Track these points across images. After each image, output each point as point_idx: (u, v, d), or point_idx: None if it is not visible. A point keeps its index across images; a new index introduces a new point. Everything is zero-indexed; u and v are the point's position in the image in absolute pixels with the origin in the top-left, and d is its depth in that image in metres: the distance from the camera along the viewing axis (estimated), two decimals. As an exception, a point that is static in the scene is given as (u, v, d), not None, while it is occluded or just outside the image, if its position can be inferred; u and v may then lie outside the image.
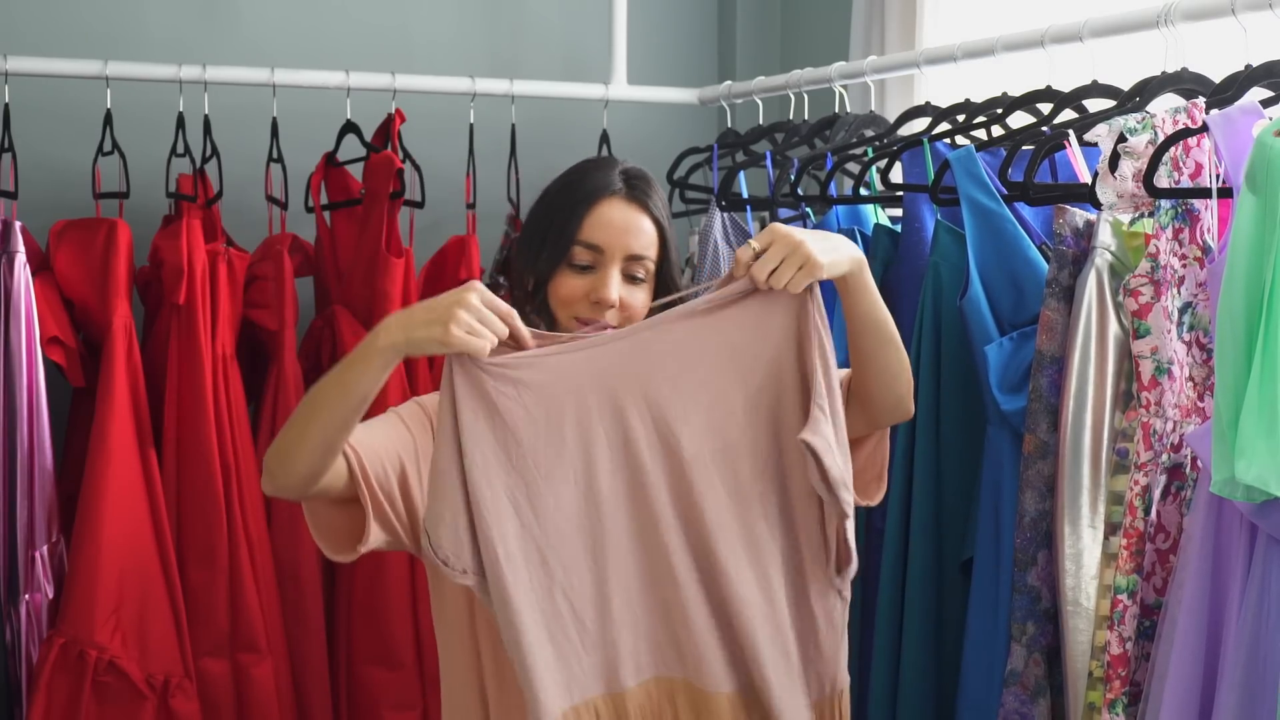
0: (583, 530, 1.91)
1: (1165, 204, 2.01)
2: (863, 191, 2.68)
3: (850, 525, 1.93)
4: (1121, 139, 2.04)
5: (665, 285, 2.08)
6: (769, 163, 3.01)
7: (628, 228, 2.04)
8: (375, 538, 1.93)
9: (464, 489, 1.85)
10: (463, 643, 2.03)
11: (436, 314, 1.79)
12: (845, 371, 2.06)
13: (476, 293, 1.81)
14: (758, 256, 1.89)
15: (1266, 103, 2.02)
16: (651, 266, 2.06)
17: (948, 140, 2.59)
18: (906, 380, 2.03)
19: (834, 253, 1.90)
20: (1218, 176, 1.99)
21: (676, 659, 1.94)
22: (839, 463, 1.89)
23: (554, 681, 1.88)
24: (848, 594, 1.99)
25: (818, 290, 1.92)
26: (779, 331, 1.93)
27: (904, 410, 2.06)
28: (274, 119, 3.18)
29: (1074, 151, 2.31)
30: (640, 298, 2.04)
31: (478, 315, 1.80)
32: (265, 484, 1.94)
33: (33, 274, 2.87)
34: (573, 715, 1.89)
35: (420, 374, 3.15)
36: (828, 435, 1.89)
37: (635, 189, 2.06)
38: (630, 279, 2.04)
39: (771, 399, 1.94)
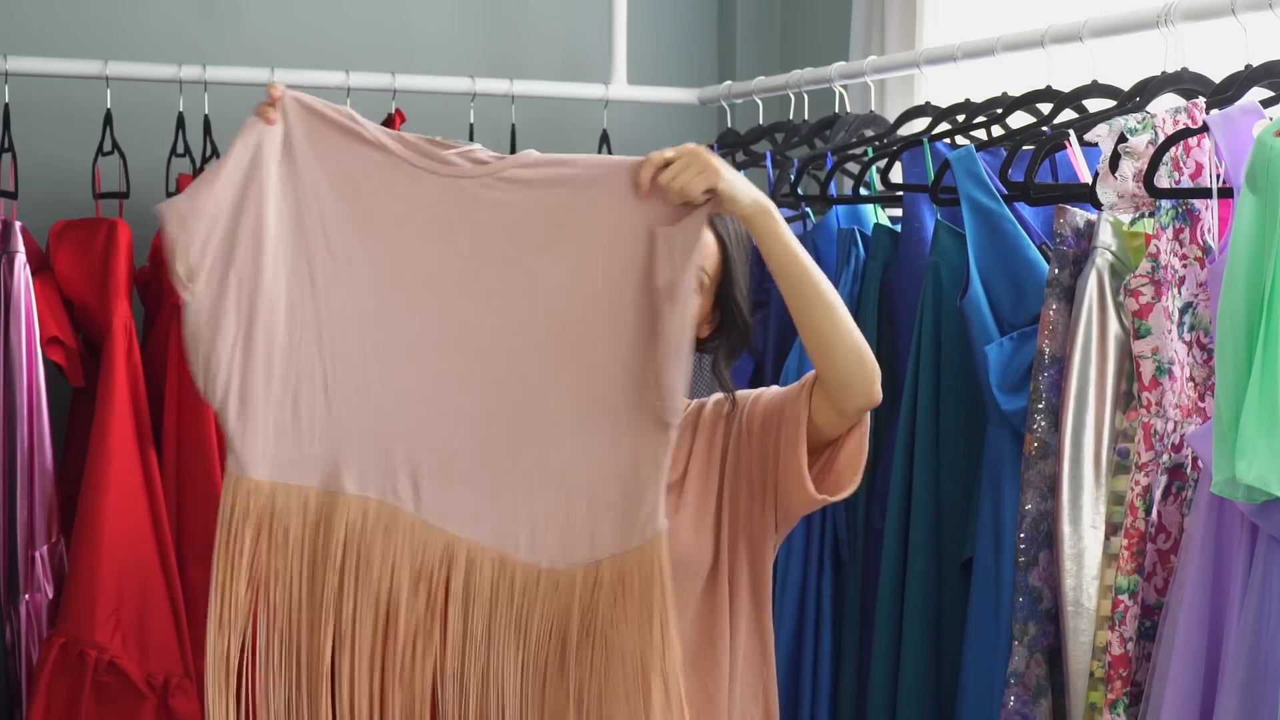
0: (376, 327, 1.96)
1: (1166, 204, 2.01)
2: (863, 191, 2.68)
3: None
4: (1122, 139, 2.04)
5: (725, 306, 2.10)
6: (769, 163, 3.01)
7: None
8: None
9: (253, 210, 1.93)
10: None
11: None
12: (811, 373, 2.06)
13: None
14: (668, 165, 1.91)
15: (1266, 103, 2.03)
16: (707, 280, 2.08)
17: (948, 140, 2.59)
18: (850, 349, 1.96)
19: (741, 183, 1.91)
20: (1218, 176, 2.00)
21: (414, 489, 1.97)
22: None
23: (269, 450, 1.95)
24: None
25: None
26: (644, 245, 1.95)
27: (862, 389, 1.98)
28: (274, 119, 3.18)
29: (1074, 151, 2.31)
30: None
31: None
32: None
33: (33, 274, 2.87)
34: (274, 491, 1.95)
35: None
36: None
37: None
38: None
39: (615, 299, 1.97)
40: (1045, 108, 2.49)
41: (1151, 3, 2.27)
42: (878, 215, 2.72)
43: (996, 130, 2.58)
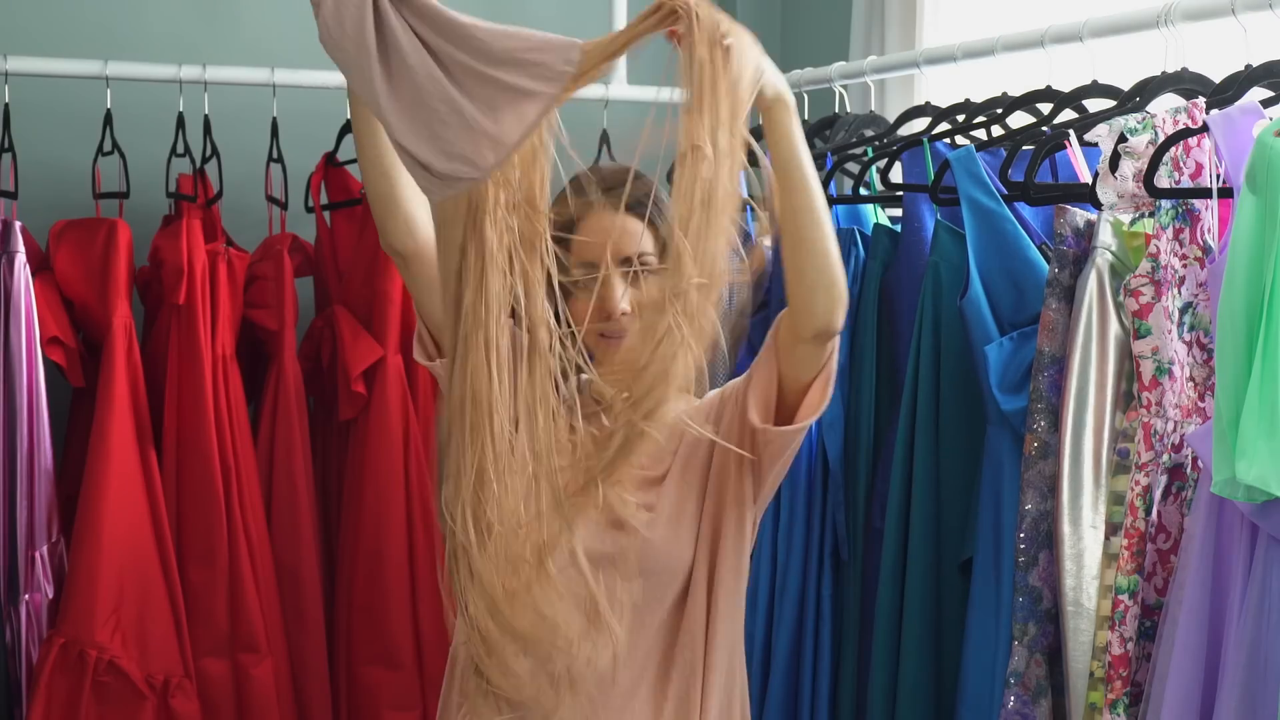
0: None
1: (1166, 204, 2.01)
2: (863, 191, 2.68)
3: None
4: (1122, 139, 2.04)
5: None
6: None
7: (611, 234, 2.09)
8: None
9: None
10: None
11: None
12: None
13: None
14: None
15: (1266, 103, 2.03)
16: (654, 260, 2.10)
17: (948, 140, 2.59)
18: (825, 263, 1.95)
19: (769, 66, 1.93)
20: (1218, 176, 2.00)
21: None
22: None
23: None
24: None
25: None
26: None
27: (825, 310, 1.97)
28: (274, 119, 3.18)
29: (1074, 151, 2.31)
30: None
31: None
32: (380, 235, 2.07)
33: (33, 274, 2.87)
34: None
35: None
36: None
37: (612, 193, 2.12)
38: (637, 279, 2.09)
39: None
40: (1045, 108, 2.49)
41: (1151, 3, 2.27)
42: (878, 215, 2.72)
43: (996, 130, 2.58)
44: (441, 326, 2.07)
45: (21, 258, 2.83)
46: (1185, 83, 2.24)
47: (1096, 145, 2.09)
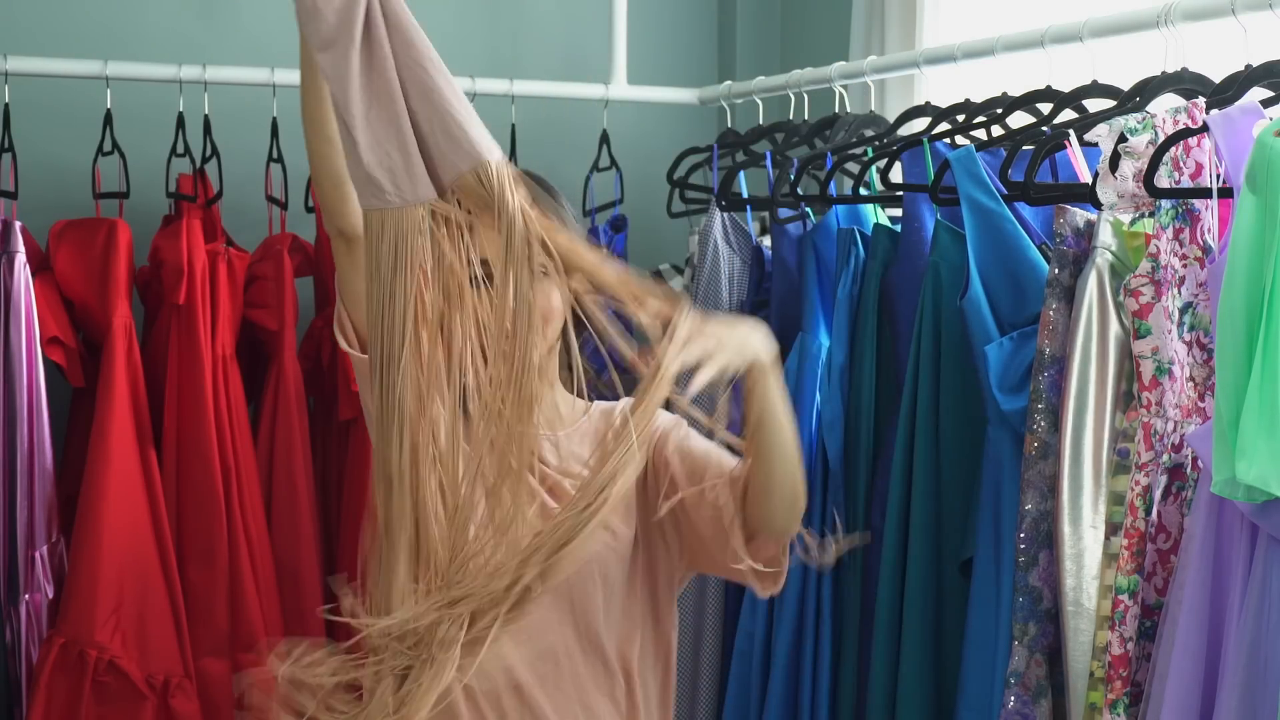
0: None
1: (1166, 204, 2.01)
2: (863, 191, 2.68)
3: None
4: (1122, 139, 2.04)
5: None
6: (769, 163, 3.01)
7: None
8: None
9: None
10: None
11: None
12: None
13: None
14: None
15: (1266, 103, 2.03)
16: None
17: (948, 140, 2.59)
18: (790, 494, 1.96)
19: (748, 340, 1.87)
20: (1218, 176, 2.00)
21: None
22: None
23: None
24: None
25: None
26: None
27: (783, 526, 1.98)
28: (274, 119, 3.18)
29: (1074, 151, 2.31)
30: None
31: None
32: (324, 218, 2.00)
33: (33, 274, 2.87)
34: None
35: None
36: None
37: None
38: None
39: None
40: (1045, 108, 2.49)
41: (1151, 3, 2.27)
42: (878, 215, 2.72)
43: (996, 130, 2.58)
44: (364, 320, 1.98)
45: (21, 258, 2.84)
46: (1185, 83, 2.24)
47: (1096, 145, 2.09)
